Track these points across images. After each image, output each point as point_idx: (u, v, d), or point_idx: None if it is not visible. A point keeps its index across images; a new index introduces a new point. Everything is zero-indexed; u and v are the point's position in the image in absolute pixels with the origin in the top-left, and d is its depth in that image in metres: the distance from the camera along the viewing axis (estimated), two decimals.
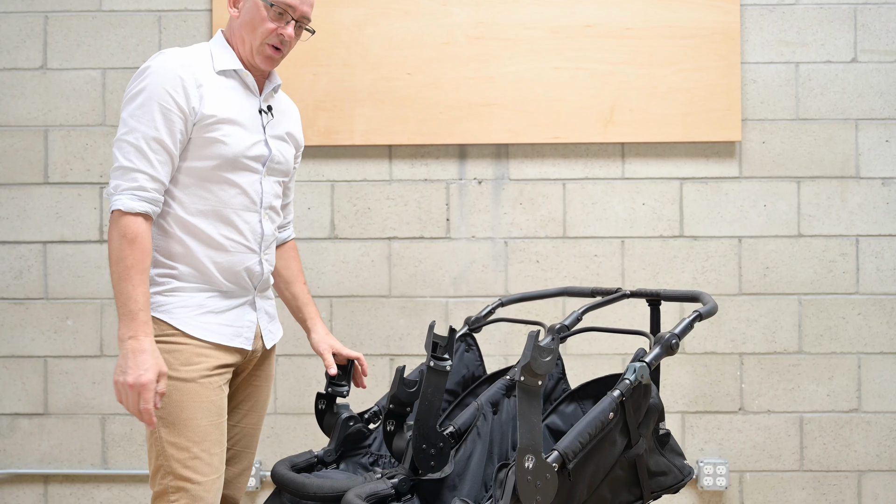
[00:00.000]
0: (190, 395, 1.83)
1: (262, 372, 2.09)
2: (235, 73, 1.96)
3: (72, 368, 3.07)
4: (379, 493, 1.74)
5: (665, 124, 3.02)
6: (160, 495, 1.85)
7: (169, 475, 1.83)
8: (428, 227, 3.08)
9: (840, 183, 3.05)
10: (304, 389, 3.06)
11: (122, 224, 1.80)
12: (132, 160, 1.82)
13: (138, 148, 1.82)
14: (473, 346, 2.27)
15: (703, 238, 3.06)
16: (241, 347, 1.95)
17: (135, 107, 1.84)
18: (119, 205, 1.80)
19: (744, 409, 3.05)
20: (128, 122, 1.83)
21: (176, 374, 1.84)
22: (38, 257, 3.08)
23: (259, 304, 2.02)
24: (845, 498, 3.04)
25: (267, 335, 2.05)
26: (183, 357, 1.85)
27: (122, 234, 1.80)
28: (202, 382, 1.87)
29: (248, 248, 1.95)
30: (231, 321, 1.93)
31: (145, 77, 1.85)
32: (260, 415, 2.12)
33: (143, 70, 1.86)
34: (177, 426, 1.83)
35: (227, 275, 1.93)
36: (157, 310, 1.87)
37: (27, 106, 3.08)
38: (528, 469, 1.53)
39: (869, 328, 3.04)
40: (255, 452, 2.13)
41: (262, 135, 1.98)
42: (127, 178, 1.82)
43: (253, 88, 1.99)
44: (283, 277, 2.20)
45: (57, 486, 3.07)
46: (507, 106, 3.03)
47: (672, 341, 1.74)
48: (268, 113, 2.01)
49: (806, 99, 3.06)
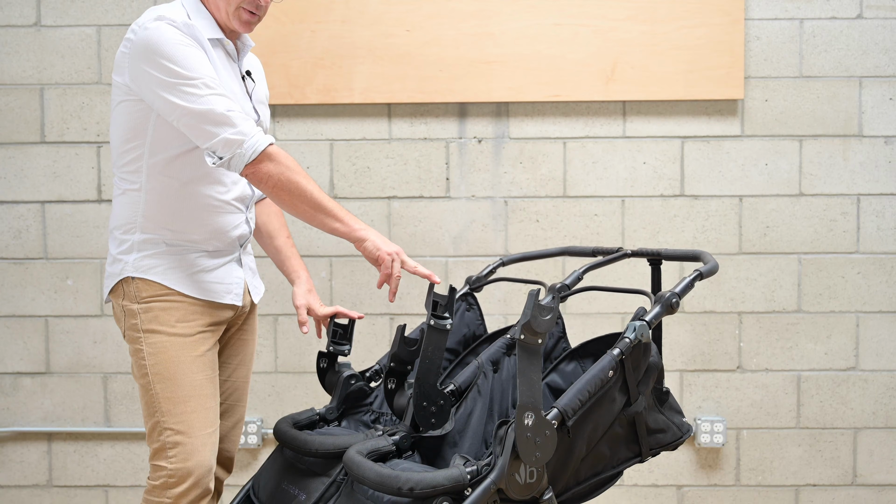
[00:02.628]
0: (186, 350, 1.86)
1: (248, 326, 2.13)
2: (219, 42, 1.93)
3: (73, 328, 3.08)
4: (380, 449, 1.76)
5: (667, 82, 2.99)
6: (159, 451, 1.87)
7: (166, 430, 1.86)
8: (428, 186, 3.07)
9: (842, 141, 3.04)
10: (305, 349, 3.08)
11: (279, 158, 1.77)
12: (224, 104, 1.75)
13: (217, 92, 1.76)
14: (474, 306, 2.28)
15: (703, 197, 3.05)
16: (232, 303, 1.98)
17: (173, 57, 1.74)
18: (264, 142, 1.76)
19: (742, 368, 3.07)
20: (176, 71, 1.74)
21: (172, 331, 1.87)
22: (36, 217, 3.08)
23: (244, 261, 2.06)
24: (841, 455, 3.07)
25: (253, 290, 2.10)
26: (178, 314, 1.88)
27: (289, 167, 1.78)
28: (197, 338, 1.90)
29: (235, 209, 1.97)
30: (221, 278, 1.96)
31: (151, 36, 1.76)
32: (248, 368, 2.16)
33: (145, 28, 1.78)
34: (173, 382, 1.85)
35: (215, 234, 1.94)
36: (150, 272, 1.89)
37: (21, 64, 3.05)
38: (527, 426, 1.55)
39: (868, 287, 3.05)
40: (245, 406, 2.17)
41: (248, 102, 1.99)
42: (229, 122, 1.74)
43: (233, 55, 1.97)
44: (267, 232, 2.21)
45: (61, 444, 3.10)
46: (508, 63, 3.00)
47: (672, 300, 1.75)
48: (249, 77, 2.01)
49: (810, 56, 3.02)
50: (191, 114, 1.75)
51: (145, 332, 1.88)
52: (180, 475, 1.85)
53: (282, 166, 1.78)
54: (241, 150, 1.76)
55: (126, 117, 1.88)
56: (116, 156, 1.92)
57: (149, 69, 1.77)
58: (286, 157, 1.79)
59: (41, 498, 3.10)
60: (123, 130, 1.89)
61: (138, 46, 1.79)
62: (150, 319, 1.88)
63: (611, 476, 1.80)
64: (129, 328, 1.91)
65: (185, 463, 1.85)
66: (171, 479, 1.85)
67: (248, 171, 1.78)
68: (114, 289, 1.94)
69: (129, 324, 1.90)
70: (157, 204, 1.89)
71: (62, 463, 3.10)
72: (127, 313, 1.91)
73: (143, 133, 1.86)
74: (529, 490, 1.59)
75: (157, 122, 1.85)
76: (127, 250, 1.91)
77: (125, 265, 1.91)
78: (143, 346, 1.87)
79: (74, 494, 3.10)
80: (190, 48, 1.78)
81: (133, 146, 1.89)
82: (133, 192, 1.91)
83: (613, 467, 1.79)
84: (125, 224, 1.92)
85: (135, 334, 1.89)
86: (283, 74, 2.97)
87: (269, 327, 3.08)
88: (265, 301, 3.07)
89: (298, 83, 2.99)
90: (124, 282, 1.91)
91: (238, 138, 1.75)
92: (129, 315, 1.90)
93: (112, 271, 1.94)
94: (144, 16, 1.84)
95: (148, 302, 1.88)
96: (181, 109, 1.75)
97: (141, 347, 1.88)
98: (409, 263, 1.88)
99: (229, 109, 1.76)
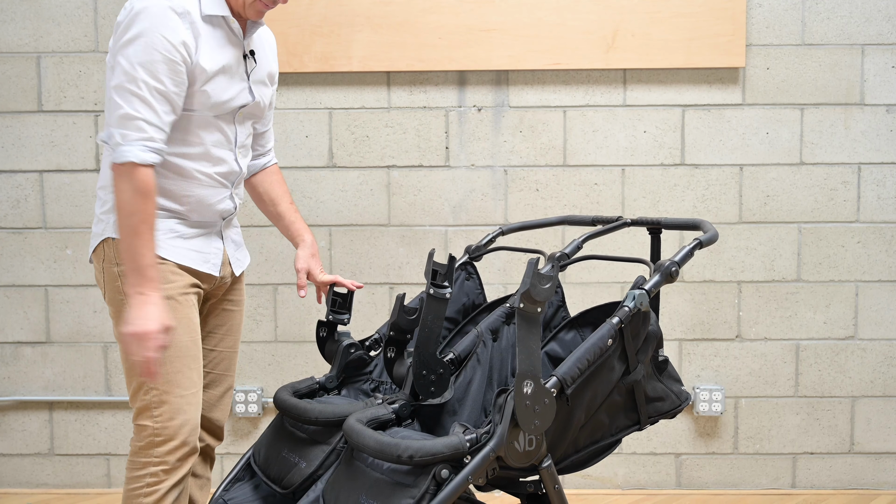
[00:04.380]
0: (170, 311, 1.84)
1: (233, 297, 2.14)
2: (223, 20, 1.90)
3: (73, 297, 3.08)
4: (379, 417, 1.77)
5: (668, 50, 2.97)
6: (143, 410, 1.88)
7: (152, 390, 1.86)
8: (427, 155, 3.05)
9: (844, 110, 3.02)
10: (305, 318, 3.08)
11: (137, 177, 1.75)
12: (138, 109, 1.76)
13: (143, 98, 1.76)
14: (474, 275, 2.28)
15: (704, 166, 3.04)
16: (209, 272, 1.98)
17: (134, 52, 1.76)
18: (131, 156, 1.75)
19: (741, 337, 3.07)
20: (127, 69, 1.76)
21: None
22: (34, 186, 3.06)
23: (226, 234, 2.06)
24: (838, 423, 3.09)
25: (235, 262, 2.09)
26: (160, 276, 1.85)
27: (136, 189, 1.74)
28: (180, 300, 1.90)
29: (220, 184, 1.97)
30: (199, 247, 1.96)
31: (141, 20, 1.77)
32: (235, 338, 2.17)
33: (137, 12, 1.78)
34: None
35: (197, 208, 1.94)
36: None
37: (18, 31, 3.02)
38: (526, 394, 1.55)
39: (868, 256, 3.04)
40: (234, 375, 2.18)
41: (245, 82, 1.97)
42: (134, 128, 1.76)
43: (238, 34, 1.94)
44: (270, 198, 2.22)
45: (62, 413, 3.12)
46: (508, 31, 2.97)
47: (671, 269, 1.74)
48: (251, 58, 1.99)
49: (812, 23, 3.00)
50: (112, 98, 1.79)
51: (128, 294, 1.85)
52: (167, 434, 1.86)
53: (127, 184, 1.75)
54: (117, 151, 1.77)
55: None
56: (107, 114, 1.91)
57: (118, 41, 1.80)
58: (139, 181, 1.75)
59: (43, 466, 3.13)
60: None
61: (129, 15, 1.80)
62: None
63: (609, 444, 1.81)
64: (112, 290, 1.90)
65: (171, 421, 1.86)
66: (157, 438, 1.86)
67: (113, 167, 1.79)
68: (96, 250, 1.94)
69: (112, 286, 1.90)
70: None
71: (63, 432, 3.12)
72: (108, 275, 1.91)
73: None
74: (528, 458, 1.60)
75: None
76: (109, 210, 1.90)
77: (106, 226, 1.91)
78: (126, 308, 1.83)
79: (76, 463, 3.13)
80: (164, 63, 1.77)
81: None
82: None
83: (612, 435, 1.80)
84: (110, 185, 1.90)
85: (118, 297, 1.89)
86: (281, 42, 2.94)
87: (268, 297, 3.08)
88: (265, 270, 3.07)
89: (297, 51, 2.97)
90: (105, 243, 1.91)
91: (116, 139, 1.77)
92: (111, 277, 1.90)
93: (95, 231, 1.95)
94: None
95: None
96: (112, 87, 1.79)
97: (125, 309, 1.84)
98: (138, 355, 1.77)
99: (140, 115, 1.76)
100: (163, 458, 1.87)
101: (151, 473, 1.87)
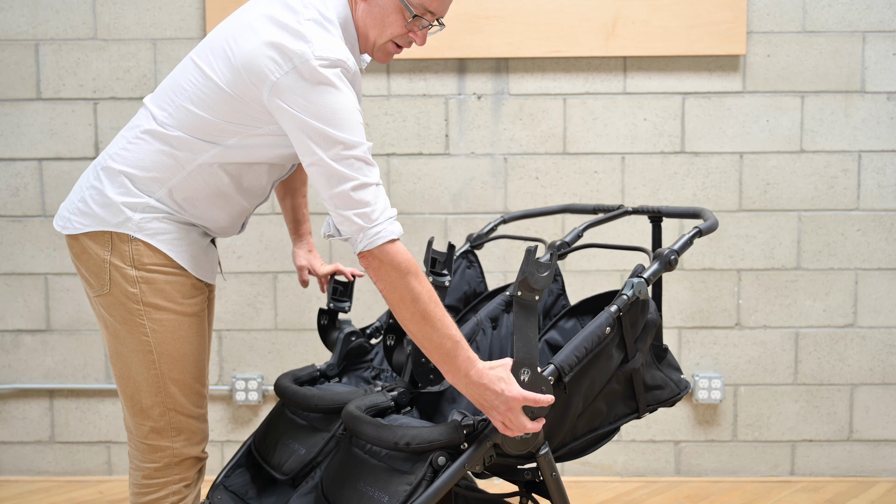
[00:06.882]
0: (192, 329, 1.77)
1: (211, 301, 2.00)
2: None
3: (72, 285, 3.08)
4: (379, 405, 1.77)
5: (668, 37, 2.96)
6: (159, 431, 1.76)
7: (171, 411, 1.76)
8: (427, 143, 3.05)
9: (845, 97, 3.01)
10: (305, 306, 3.08)
11: (401, 257, 1.59)
12: (371, 175, 1.59)
13: (368, 162, 1.60)
14: (475, 263, 2.28)
15: (704, 154, 3.03)
16: (213, 283, 1.88)
17: (335, 114, 1.59)
18: (391, 233, 1.59)
19: (740, 325, 3.08)
20: (337, 136, 1.58)
21: (179, 308, 1.75)
22: (34, 174, 3.06)
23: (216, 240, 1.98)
24: (837, 410, 3.09)
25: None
26: (184, 290, 1.76)
27: (407, 270, 1.59)
28: (201, 316, 1.81)
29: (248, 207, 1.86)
30: (210, 258, 1.85)
31: (334, 78, 1.60)
32: (210, 339, 2.07)
33: (328, 65, 1.60)
34: (182, 361, 1.75)
35: (223, 229, 1.85)
36: (156, 238, 1.73)
37: (16, 19, 3.01)
38: (524, 382, 1.56)
39: (868, 244, 3.04)
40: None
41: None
42: (382, 199, 1.60)
43: (359, 80, 1.78)
44: (289, 187, 2.15)
45: (62, 401, 3.13)
46: (508, 18, 2.96)
47: (671, 257, 1.74)
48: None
49: (813, 10, 2.98)
50: (331, 174, 1.60)
51: (147, 305, 1.73)
52: (189, 452, 1.79)
53: (394, 269, 1.60)
54: (375, 229, 1.60)
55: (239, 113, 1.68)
56: (185, 111, 1.70)
57: (305, 117, 1.60)
58: (405, 261, 1.61)
59: (43, 454, 3.14)
60: (226, 112, 1.68)
61: (298, 84, 1.60)
62: (153, 292, 1.73)
63: (608, 432, 1.81)
64: (123, 294, 1.74)
65: (193, 439, 1.79)
66: (176, 459, 1.78)
67: (360, 255, 1.64)
68: (97, 235, 1.75)
69: (123, 289, 1.73)
70: (192, 182, 1.74)
71: (64, 419, 3.13)
72: (118, 274, 1.74)
73: (243, 129, 1.70)
74: (525, 445, 1.60)
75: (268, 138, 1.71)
76: (134, 205, 1.72)
77: (127, 220, 1.72)
78: (144, 321, 1.74)
79: (76, 450, 3.14)
80: (356, 112, 1.62)
81: (220, 124, 1.69)
82: (174, 153, 1.72)
83: (611, 423, 1.81)
84: (146, 178, 1.73)
85: (133, 305, 1.73)
86: None
87: (268, 285, 3.09)
88: (265, 259, 3.07)
89: None
90: (119, 237, 1.72)
91: (362, 223, 1.60)
92: (123, 278, 1.73)
93: (100, 214, 1.74)
94: (309, 42, 1.60)
95: (150, 271, 1.73)
96: (325, 165, 1.60)
97: (143, 322, 1.74)
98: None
99: (377, 182, 1.61)
100: (184, 475, 1.79)
101: (174, 492, 1.78)
